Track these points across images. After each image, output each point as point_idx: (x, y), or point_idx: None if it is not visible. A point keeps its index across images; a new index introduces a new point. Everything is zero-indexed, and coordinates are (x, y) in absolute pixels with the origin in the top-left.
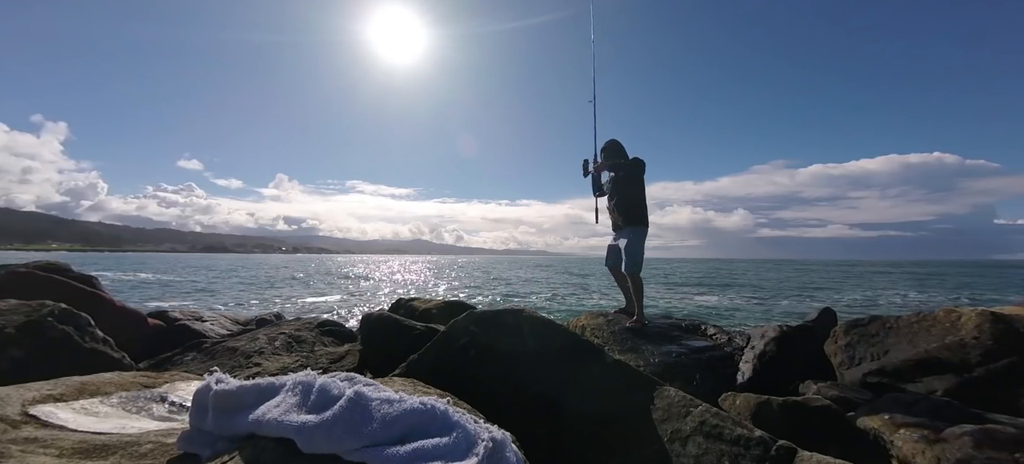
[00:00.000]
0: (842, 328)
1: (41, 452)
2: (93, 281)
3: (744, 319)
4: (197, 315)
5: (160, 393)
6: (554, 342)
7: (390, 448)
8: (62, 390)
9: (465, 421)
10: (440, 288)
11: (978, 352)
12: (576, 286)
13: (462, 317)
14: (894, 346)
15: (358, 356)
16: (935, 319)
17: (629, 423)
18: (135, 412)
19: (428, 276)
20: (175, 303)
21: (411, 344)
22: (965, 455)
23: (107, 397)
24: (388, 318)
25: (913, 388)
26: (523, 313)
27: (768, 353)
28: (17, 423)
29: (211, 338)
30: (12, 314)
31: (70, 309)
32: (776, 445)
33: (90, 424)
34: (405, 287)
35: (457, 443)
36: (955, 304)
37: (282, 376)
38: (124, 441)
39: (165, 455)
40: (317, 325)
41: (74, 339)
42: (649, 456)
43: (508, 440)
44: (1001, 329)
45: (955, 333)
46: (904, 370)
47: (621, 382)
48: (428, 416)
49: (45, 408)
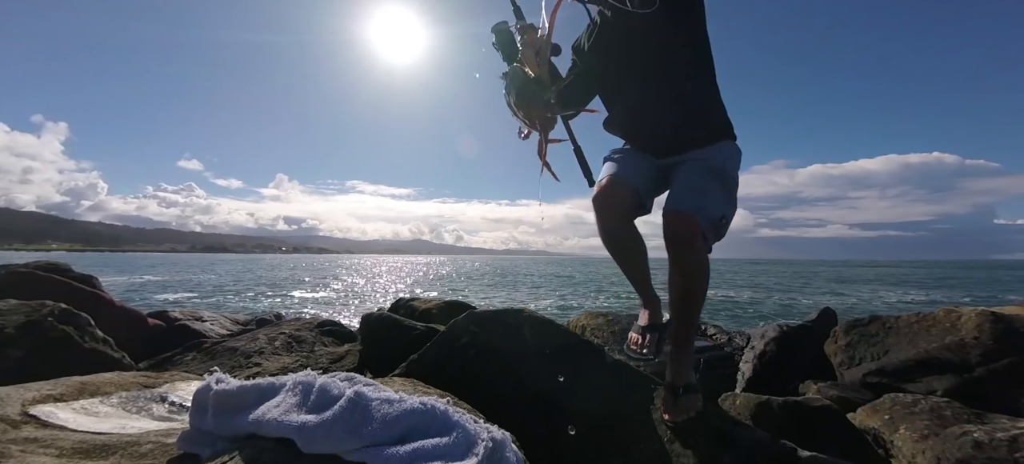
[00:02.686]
0: (842, 328)
1: (41, 452)
2: (93, 281)
3: (744, 319)
4: (197, 315)
5: (160, 393)
6: (554, 342)
7: (390, 448)
8: (62, 390)
9: (465, 421)
10: (440, 288)
11: (978, 352)
12: (576, 286)
13: (462, 317)
14: (894, 346)
15: (358, 356)
16: (935, 319)
17: (629, 423)
18: (135, 412)
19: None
20: (175, 303)
21: (411, 344)
22: (965, 455)
23: (107, 397)
24: (388, 318)
25: (913, 388)
26: (523, 313)
27: (768, 353)
28: (17, 423)
29: (211, 338)
30: (12, 314)
31: (70, 309)
32: (776, 445)
33: (90, 424)
34: (406, 287)
35: (457, 443)
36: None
37: (282, 376)
38: (124, 441)
39: (165, 455)
40: (317, 325)
41: (74, 339)
42: (649, 456)
43: (508, 440)
44: (1001, 329)
45: (955, 333)
46: (904, 370)
47: (621, 382)
48: (428, 416)
49: (45, 408)
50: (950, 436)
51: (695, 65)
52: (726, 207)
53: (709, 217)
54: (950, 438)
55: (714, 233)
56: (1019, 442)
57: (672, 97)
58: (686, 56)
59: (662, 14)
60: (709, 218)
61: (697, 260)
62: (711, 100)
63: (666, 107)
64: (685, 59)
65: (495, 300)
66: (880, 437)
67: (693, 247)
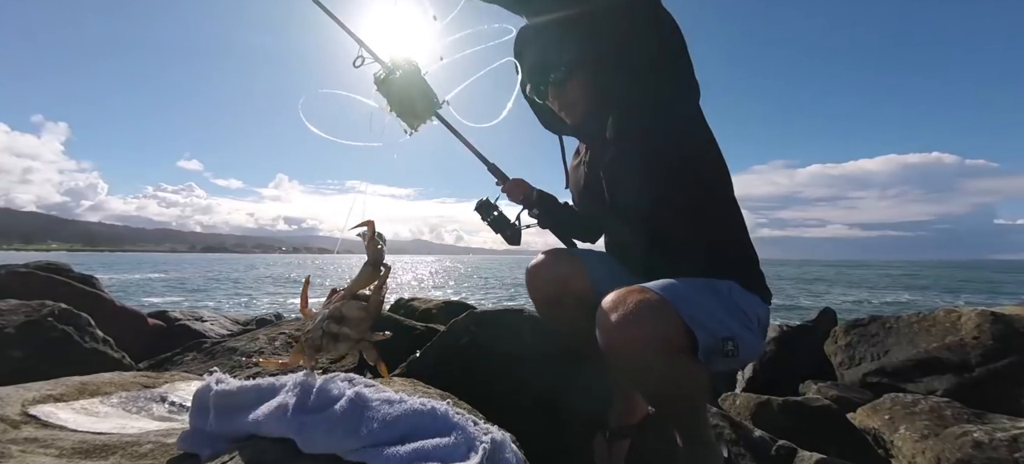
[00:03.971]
0: (842, 328)
1: (41, 452)
2: (93, 281)
3: None
4: (197, 315)
5: (160, 393)
6: (555, 342)
7: (390, 448)
8: (62, 390)
9: (465, 422)
10: (440, 288)
11: (978, 352)
12: None
13: (462, 317)
14: (894, 346)
15: (358, 356)
16: (935, 319)
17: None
18: (135, 412)
19: (428, 276)
20: (175, 303)
21: (411, 344)
22: (965, 455)
23: (107, 397)
24: (388, 318)
25: (913, 388)
26: (523, 313)
27: (768, 353)
28: (17, 423)
29: (211, 338)
30: (12, 314)
31: (70, 309)
32: (776, 445)
33: (90, 424)
34: (406, 287)
35: (457, 443)
36: (955, 304)
37: (282, 376)
38: (124, 441)
39: (165, 455)
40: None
41: (74, 339)
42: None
43: (508, 440)
44: (1001, 329)
45: (955, 333)
46: (904, 370)
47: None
48: (428, 416)
49: (45, 408)
50: (950, 436)
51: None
52: (734, 324)
53: (703, 325)
54: (950, 438)
55: (717, 350)
56: (1019, 442)
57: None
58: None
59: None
60: (703, 326)
61: (670, 378)
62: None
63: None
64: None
65: (495, 300)
66: (880, 437)
67: (667, 359)
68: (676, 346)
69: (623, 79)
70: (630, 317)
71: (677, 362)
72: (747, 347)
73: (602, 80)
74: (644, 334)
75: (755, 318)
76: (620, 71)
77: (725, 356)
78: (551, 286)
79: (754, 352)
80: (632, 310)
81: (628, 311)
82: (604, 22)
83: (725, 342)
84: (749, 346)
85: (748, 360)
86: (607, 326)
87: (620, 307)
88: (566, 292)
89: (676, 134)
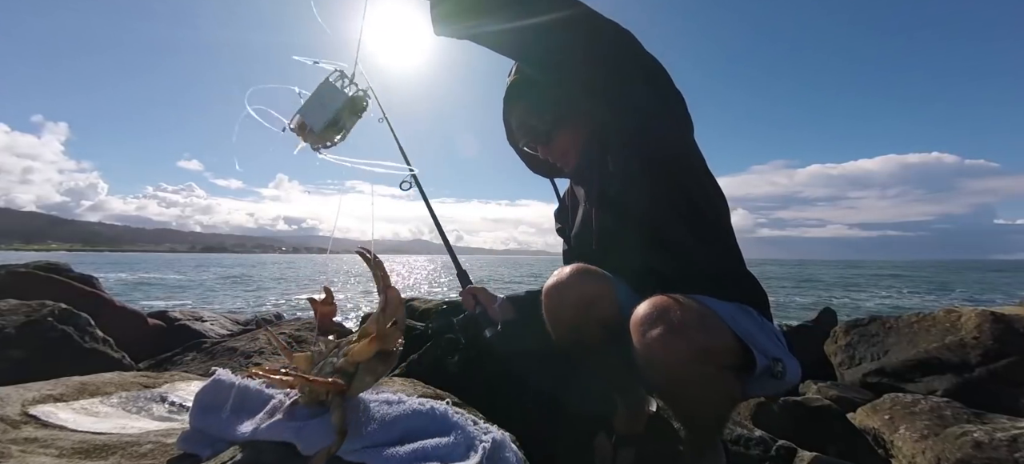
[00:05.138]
0: (842, 328)
1: (41, 452)
2: (93, 281)
3: None
4: (197, 315)
5: (160, 393)
6: None
7: (390, 448)
8: (62, 390)
9: (465, 421)
10: (440, 288)
11: (978, 352)
12: None
13: (462, 317)
14: (894, 346)
15: None
16: (935, 319)
17: None
18: (135, 412)
19: (428, 276)
20: (175, 303)
21: (411, 344)
22: (965, 455)
23: (107, 397)
24: None
25: (913, 388)
26: None
27: None
28: (17, 423)
29: (211, 338)
30: (12, 314)
31: (70, 309)
32: (776, 445)
33: (90, 424)
34: (406, 286)
35: (457, 443)
36: (954, 304)
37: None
38: (124, 441)
39: (165, 455)
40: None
41: (74, 339)
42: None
43: (508, 440)
44: (1001, 329)
45: (955, 333)
46: (904, 370)
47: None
48: (428, 417)
49: (45, 408)
50: (950, 436)
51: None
52: (776, 346)
53: (755, 343)
54: (950, 438)
55: (769, 370)
56: (1019, 442)
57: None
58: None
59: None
60: (755, 344)
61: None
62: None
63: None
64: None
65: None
66: (880, 437)
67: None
68: (724, 362)
69: (614, 119)
70: (681, 327)
71: (720, 378)
72: (791, 370)
73: (590, 125)
74: (697, 345)
75: (785, 342)
76: (610, 109)
77: (774, 377)
78: (577, 311)
79: (796, 376)
80: (684, 319)
81: (677, 320)
82: (578, 72)
83: (776, 362)
84: (792, 369)
85: (792, 383)
86: (652, 334)
87: (667, 315)
88: (590, 317)
89: (681, 168)
